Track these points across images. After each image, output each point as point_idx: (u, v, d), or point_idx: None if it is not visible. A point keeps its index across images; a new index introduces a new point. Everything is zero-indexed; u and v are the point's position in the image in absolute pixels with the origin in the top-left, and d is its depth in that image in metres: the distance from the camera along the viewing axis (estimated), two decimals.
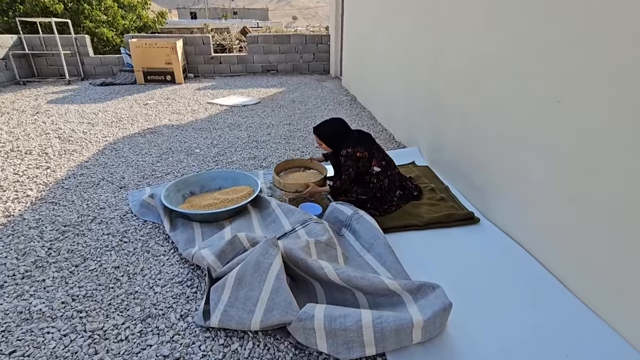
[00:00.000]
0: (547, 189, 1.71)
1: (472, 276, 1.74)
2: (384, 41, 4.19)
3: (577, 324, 1.46)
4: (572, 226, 1.58)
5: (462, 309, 1.48)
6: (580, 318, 1.49)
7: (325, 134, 2.24)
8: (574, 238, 1.58)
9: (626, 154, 1.31)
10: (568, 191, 1.59)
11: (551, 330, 1.43)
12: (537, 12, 1.72)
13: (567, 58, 1.55)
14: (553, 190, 1.67)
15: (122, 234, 2.14)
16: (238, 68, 8.10)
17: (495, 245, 1.96)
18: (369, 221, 1.99)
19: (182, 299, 1.64)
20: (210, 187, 2.59)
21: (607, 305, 1.45)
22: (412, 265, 1.79)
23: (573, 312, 1.52)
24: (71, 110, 4.92)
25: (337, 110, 5.07)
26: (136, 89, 6.48)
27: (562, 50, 1.58)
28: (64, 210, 2.40)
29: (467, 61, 2.32)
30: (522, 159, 1.87)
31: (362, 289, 1.44)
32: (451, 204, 2.31)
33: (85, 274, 1.80)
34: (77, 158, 3.29)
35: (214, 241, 1.87)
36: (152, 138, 3.87)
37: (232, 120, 4.53)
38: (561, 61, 1.59)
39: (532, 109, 1.77)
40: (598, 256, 1.47)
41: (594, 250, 1.48)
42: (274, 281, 1.38)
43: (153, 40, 6.98)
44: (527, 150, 1.83)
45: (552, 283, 1.67)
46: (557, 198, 1.65)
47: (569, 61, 1.54)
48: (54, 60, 7.37)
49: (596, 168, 1.44)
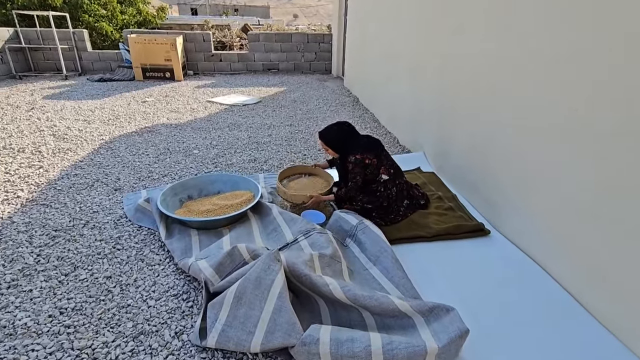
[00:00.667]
0: (563, 203, 1.62)
1: (484, 293, 1.65)
2: (389, 41, 4.09)
3: (596, 347, 1.37)
4: (590, 243, 1.50)
5: (475, 330, 1.39)
6: (599, 341, 1.40)
7: (332, 139, 2.14)
8: (593, 255, 1.49)
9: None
10: (587, 206, 1.50)
11: (569, 354, 1.35)
12: (555, 18, 1.63)
13: (587, 65, 1.46)
14: (570, 205, 1.58)
15: (116, 240, 2.04)
16: (239, 66, 7.99)
17: (507, 260, 1.87)
18: (375, 232, 1.90)
19: (177, 314, 1.54)
20: (209, 191, 2.49)
21: (628, 328, 1.37)
22: (420, 280, 1.70)
23: (591, 334, 1.43)
24: (67, 107, 4.81)
25: (340, 111, 4.97)
26: (134, 86, 6.36)
27: (581, 56, 1.49)
28: (56, 213, 2.30)
29: (480, 65, 2.22)
30: (537, 169, 1.78)
31: (369, 309, 1.35)
32: (460, 214, 2.22)
33: (75, 284, 1.70)
34: (72, 157, 3.18)
35: (211, 251, 1.77)
36: (149, 137, 3.77)
37: (232, 120, 4.43)
38: (579, 68, 1.50)
39: (548, 117, 1.68)
40: (619, 275, 1.38)
41: (614, 269, 1.40)
42: (276, 300, 1.29)
43: (152, 36, 6.86)
44: (542, 161, 1.74)
45: (568, 302, 1.58)
46: (574, 213, 1.57)
47: (589, 68, 1.45)
48: (51, 54, 7.23)
49: (618, 182, 1.35)
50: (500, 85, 2.04)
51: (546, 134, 1.70)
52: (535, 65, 1.76)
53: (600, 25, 1.41)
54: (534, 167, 1.79)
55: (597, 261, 1.47)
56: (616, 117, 1.35)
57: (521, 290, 1.66)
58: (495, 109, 2.08)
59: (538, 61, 1.74)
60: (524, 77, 1.83)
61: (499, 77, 2.04)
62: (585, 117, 1.48)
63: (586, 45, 1.47)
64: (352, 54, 6.20)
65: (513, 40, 1.92)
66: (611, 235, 1.40)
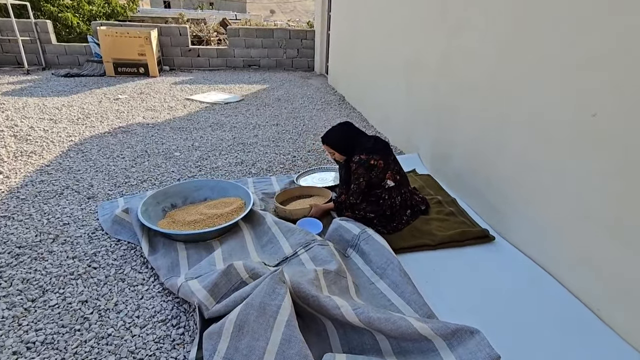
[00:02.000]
0: (581, 214, 1.56)
1: (497, 306, 1.57)
2: (381, 38, 3.97)
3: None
4: (612, 255, 1.44)
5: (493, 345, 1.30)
6: (622, 358, 1.35)
7: (337, 140, 2.00)
8: (616, 268, 1.44)
9: None
10: (609, 218, 1.44)
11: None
12: (572, 12, 1.56)
13: (607, 66, 1.40)
14: (589, 216, 1.52)
15: (91, 257, 1.82)
16: (218, 62, 7.68)
17: (516, 269, 1.80)
18: (379, 242, 1.78)
19: (166, 344, 1.36)
20: (195, 198, 2.30)
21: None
22: (428, 292, 1.60)
23: (614, 350, 1.37)
24: (30, 104, 4.41)
25: (326, 110, 4.84)
26: (105, 82, 5.95)
27: (600, 58, 1.42)
28: (19, 226, 2.04)
29: (487, 65, 2.12)
30: (549, 176, 1.71)
31: (385, 333, 1.23)
32: (462, 219, 2.14)
33: (44, 311, 1.48)
34: (37, 161, 2.88)
35: (203, 269, 1.60)
36: (124, 138, 3.49)
37: (215, 120, 4.20)
38: (600, 70, 1.43)
39: (562, 122, 1.62)
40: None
41: (634, 282, 1.35)
42: (284, 329, 1.14)
43: (125, 29, 6.45)
44: (555, 166, 1.68)
45: (585, 315, 1.52)
46: (594, 224, 1.50)
47: (609, 70, 1.39)
48: (11, 47, 6.67)
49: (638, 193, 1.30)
50: (510, 86, 1.94)
51: (560, 141, 1.63)
52: (550, 65, 1.68)
53: (620, 23, 1.35)
54: (548, 174, 1.72)
55: (620, 274, 1.41)
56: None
57: (536, 303, 1.59)
58: (504, 112, 1.99)
59: (554, 60, 1.67)
60: (538, 78, 1.75)
61: (509, 77, 1.95)
62: (607, 122, 1.41)
63: (607, 44, 1.40)
64: (337, 51, 6.07)
65: (524, 37, 1.84)
66: (634, 251, 1.34)
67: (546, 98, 1.70)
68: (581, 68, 1.51)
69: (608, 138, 1.41)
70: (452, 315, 1.48)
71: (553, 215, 1.71)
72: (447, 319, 1.45)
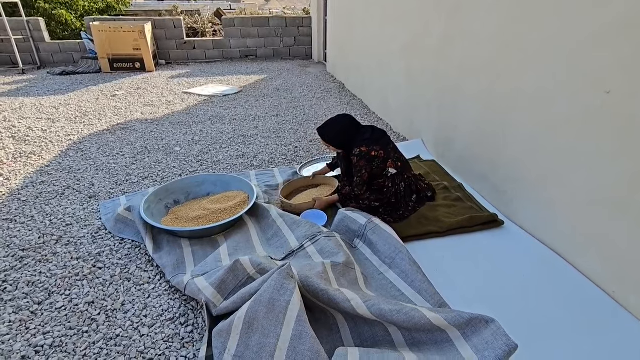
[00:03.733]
0: (592, 195, 1.51)
1: (509, 292, 1.54)
2: (378, 22, 3.87)
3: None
4: (625, 238, 1.40)
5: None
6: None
7: (332, 134, 1.95)
8: (624, 248, 1.40)
9: None
10: (615, 197, 1.39)
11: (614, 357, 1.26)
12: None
13: (619, 41, 1.33)
14: (600, 197, 1.47)
15: (95, 257, 1.80)
16: (214, 54, 7.55)
17: (527, 252, 1.77)
18: (386, 231, 1.75)
19: (175, 342, 1.35)
20: (197, 193, 2.27)
21: None
22: (438, 280, 1.57)
23: (633, 333, 1.35)
24: (27, 104, 4.36)
25: (326, 98, 4.76)
26: (102, 79, 5.87)
27: (612, 32, 1.35)
28: (22, 229, 2.02)
29: (489, 45, 2.05)
30: (557, 157, 1.66)
31: (397, 324, 1.21)
32: (469, 204, 2.10)
33: (51, 314, 1.47)
34: (36, 162, 2.85)
35: (209, 265, 1.58)
36: (123, 135, 3.45)
37: (214, 112, 4.14)
38: (611, 45, 1.36)
39: (573, 100, 1.55)
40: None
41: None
42: (295, 324, 1.12)
43: (118, 24, 6.33)
44: (564, 147, 1.62)
45: (600, 298, 1.49)
46: (605, 206, 1.46)
47: (622, 45, 1.32)
48: (4, 46, 6.57)
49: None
50: (514, 66, 1.88)
51: (572, 120, 1.57)
52: (558, 42, 1.61)
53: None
54: (556, 155, 1.67)
55: (635, 255, 1.37)
56: None
57: (549, 287, 1.56)
58: (508, 93, 1.94)
59: (562, 36, 1.59)
60: (545, 56, 1.68)
61: (513, 57, 1.88)
62: (621, 99, 1.35)
63: (621, 15, 1.33)
64: (336, 38, 5.94)
65: (529, 13, 1.77)
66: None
67: (554, 77, 1.63)
68: (591, 44, 1.44)
69: (619, 117, 1.35)
70: (464, 303, 1.46)
71: (563, 197, 1.66)
72: (459, 307, 1.42)
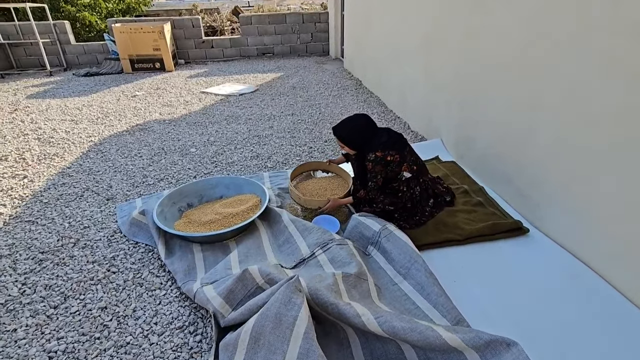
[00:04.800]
0: (623, 201, 1.39)
1: (532, 307, 1.44)
2: (397, 16, 3.74)
3: None
4: None
5: (531, 354, 1.19)
6: None
7: (348, 135, 1.88)
8: None
9: None
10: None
11: None
12: None
13: None
14: (632, 203, 1.35)
15: (110, 261, 1.82)
16: (231, 52, 7.59)
17: (554, 264, 1.65)
18: (401, 239, 1.67)
19: (184, 352, 1.34)
20: (210, 196, 2.26)
21: None
22: (456, 293, 1.49)
23: None
24: (53, 106, 4.51)
25: (342, 96, 4.67)
26: (123, 79, 6.01)
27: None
28: (42, 231, 2.07)
29: (516, 39, 1.91)
30: (590, 160, 1.53)
31: (411, 343, 1.14)
32: (491, 210, 1.99)
33: (65, 318, 1.49)
34: (59, 164, 2.93)
35: (218, 273, 1.56)
36: (142, 136, 3.50)
37: (230, 112, 4.14)
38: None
39: (608, 99, 1.42)
40: None
41: None
42: (302, 341, 1.07)
43: (138, 25, 6.45)
44: (597, 149, 1.49)
45: (633, 314, 1.38)
46: (637, 212, 1.33)
47: None
48: (33, 50, 6.83)
49: None
50: (543, 61, 1.74)
51: (606, 120, 1.44)
52: (594, 34, 1.47)
53: None
54: (588, 159, 1.54)
55: None
56: None
57: (578, 301, 1.45)
58: (536, 90, 1.80)
59: (599, 27, 1.46)
60: (578, 50, 1.55)
61: (542, 51, 1.75)
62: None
63: None
64: (353, 34, 5.83)
65: (563, 4, 1.63)
66: None
67: (587, 74, 1.50)
68: (631, 37, 1.31)
69: None
70: (483, 319, 1.37)
71: (595, 203, 1.54)
72: (478, 323, 1.34)
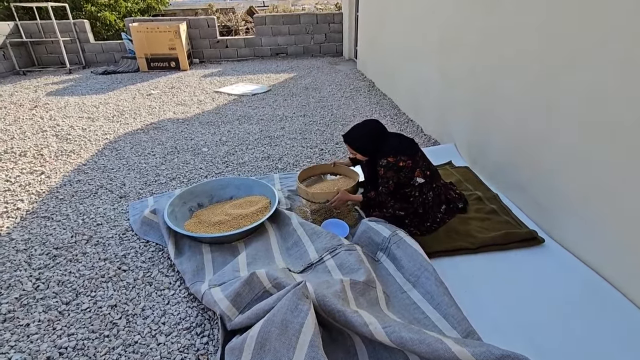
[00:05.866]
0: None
1: (547, 321, 1.40)
2: (412, 17, 3.70)
3: None
4: None
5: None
6: None
7: (359, 141, 1.86)
8: None
9: None
10: None
11: None
12: None
13: None
14: None
15: (121, 259, 1.84)
16: (245, 52, 7.64)
17: (569, 276, 1.60)
18: (411, 246, 1.64)
19: (190, 354, 1.34)
20: (221, 196, 2.27)
21: None
22: (466, 303, 1.45)
23: None
24: (71, 103, 4.62)
25: (355, 97, 4.65)
26: (139, 78, 6.12)
27: None
28: (57, 227, 2.12)
29: (535, 40, 1.85)
30: (610, 170, 1.48)
31: (418, 354, 1.12)
32: (505, 218, 1.94)
33: (76, 315, 1.52)
34: (75, 160, 2.99)
35: (226, 275, 1.56)
36: (155, 135, 3.55)
37: (242, 112, 4.17)
38: None
39: (631, 106, 1.37)
40: None
41: None
42: (307, 349, 1.06)
43: (155, 24, 6.56)
44: (618, 158, 1.44)
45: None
46: None
47: None
48: (54, 48, 7.02)
49: None
50: (562, 65, 1.69)
51: (629, 127, 1.39)
52: (619, 38, 1.42)
53: None
54: (609, 166, 1.48)
55: None
56: None
57: (596, 318, 1.40)
58: (554, 96, 1.75)
59: (625, 31, 1.41)
60: (601, 55, 1.50)
61: (562, 55, 1.69)
62: None
63: None
64: (366, 34, 5.79)
65: (586, 5, 1.58)
66: None
67: (607, 79, 1.45)
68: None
69: None
70: (495, 332, 1.34)
71: (615, 214, 1.48)
72: (490, 336, 1.31)
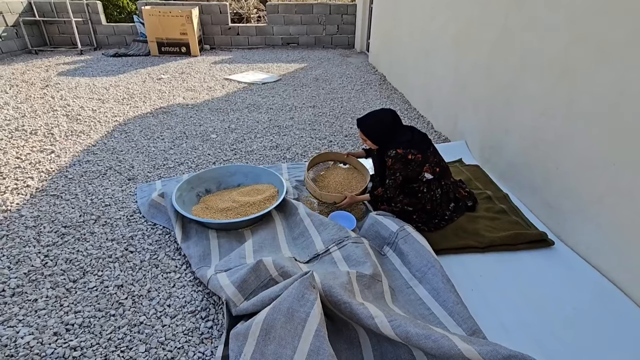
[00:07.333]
0: None
1: (554, 324, 1.38)
2: (428, 10, 3.63)
3: None
4: None
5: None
6: None
7: (372, 128, 1.85)
8: None
9: None
10: None
11: None
12: None
13: None
14: None
15: (128, 240, 1.85)
16: (256, 40, 7.58)
17: (579, 280, 1.58)
18: (419, 241, 1.63)
19: (195, 337, 1.35)
20: (228, 183, 2.27)
21: None
22: (472, 301, 1.44)
23: None
24: (82, 84, 4.62)
25: (366, 91, 4.60)
26: (150, 61, 6.10)
27: None
28: (66, 206, 2.13)
29: (557, 39, 1.81)
30: (626, 175, 1.45)
31: (424, 350, 1.11)
32: (515, 218, 1.92)
33: (83, 293, 1.53)
34: (84, 141, 3.00)
35: (232, 261, 1.56)
36: (165, 119, 3.54)
37: (251, 101, 4.14)
38: None
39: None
40: None
41: None
42: (313, 339, 1.06)
43: (167, 9, 6.51)
44: (635, 164, 1.41)
45: None
46: None
47: None
48: (66, 28, 7.01)
49: None
50: (584, 65, 1.65)
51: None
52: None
53: None
54: (625, 171, 1.46)
55: None
56: None
57: (603, 321, 1.39)
58: (573, 97, 1.71)
59: None
60: (624, 55, 1.46)
61: (585, 54, 1.65)
62: None
63: None
64: (380, 27, 5.71)
65: (613, 4, 1.53)
66: None
67: (630, 82, 1.41)
68: None
69: None
70: (501, 332, 1.33)
71: (629, 220, 1.45)
72: (496, 335, 1.30)
